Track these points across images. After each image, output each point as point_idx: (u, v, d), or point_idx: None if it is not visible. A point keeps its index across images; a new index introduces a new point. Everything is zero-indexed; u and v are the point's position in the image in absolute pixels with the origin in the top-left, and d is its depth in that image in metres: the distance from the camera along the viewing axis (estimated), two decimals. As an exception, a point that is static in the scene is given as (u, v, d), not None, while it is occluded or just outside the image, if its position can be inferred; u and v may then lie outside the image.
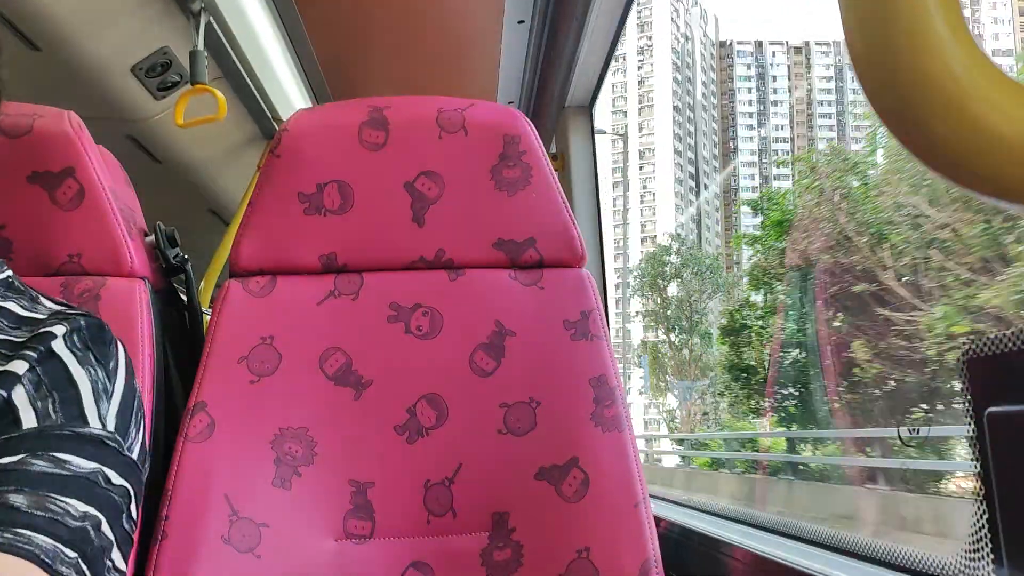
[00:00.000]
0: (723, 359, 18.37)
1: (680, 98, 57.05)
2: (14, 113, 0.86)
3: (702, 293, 31.63)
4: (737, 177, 58.58)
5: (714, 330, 26.99)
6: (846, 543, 0.86)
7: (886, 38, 0.32)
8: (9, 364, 0.55)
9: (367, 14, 1.66)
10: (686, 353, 30.03)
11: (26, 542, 0.48)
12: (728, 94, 60.86)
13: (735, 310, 18.37)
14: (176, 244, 1.01)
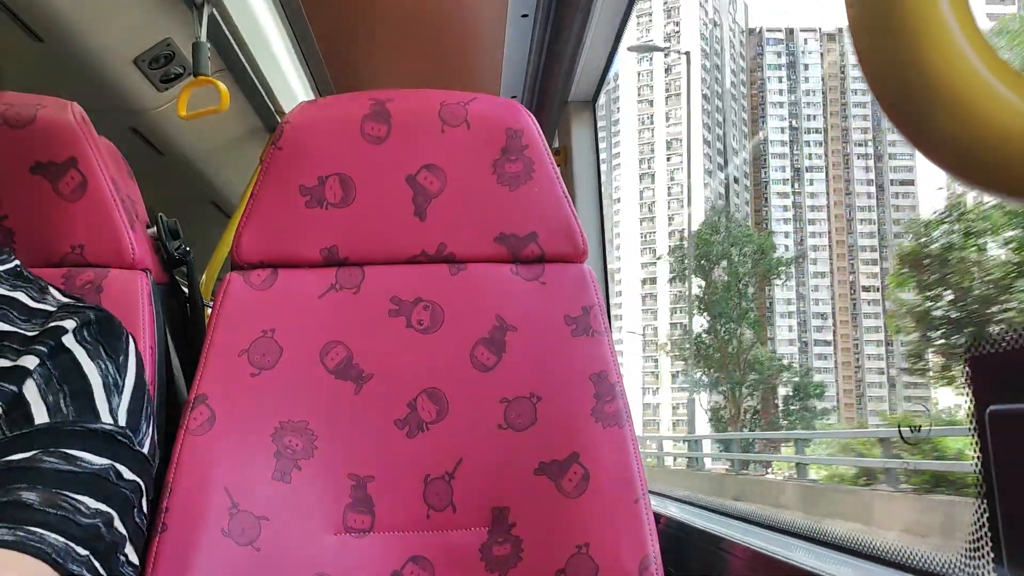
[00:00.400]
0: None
1: (709, 86, 55.36)
2: (17, 103, 0.85)
3: (752, 277, 28.35)
4: (767, 168, 57.27)
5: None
6: (845, 540, 0.86)
7: (891, 33, 0.32)
8: (20, 359, 0.55)
9: (370, 7, 1.65)
10: (724, 346, 27.18)
11: (38, 540, 0.49)
12: (758, 84, 59.07)
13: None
14: (178, 236, 1.01)
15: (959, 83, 0.31)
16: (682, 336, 34.95)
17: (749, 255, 28.48)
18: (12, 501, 0.49)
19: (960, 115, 0.31)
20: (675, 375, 51.75)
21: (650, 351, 54.33)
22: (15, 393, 0.54)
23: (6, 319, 0.59)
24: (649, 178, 56.66)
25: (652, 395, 53.47)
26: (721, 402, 27.21)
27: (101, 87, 1.52)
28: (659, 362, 52.93)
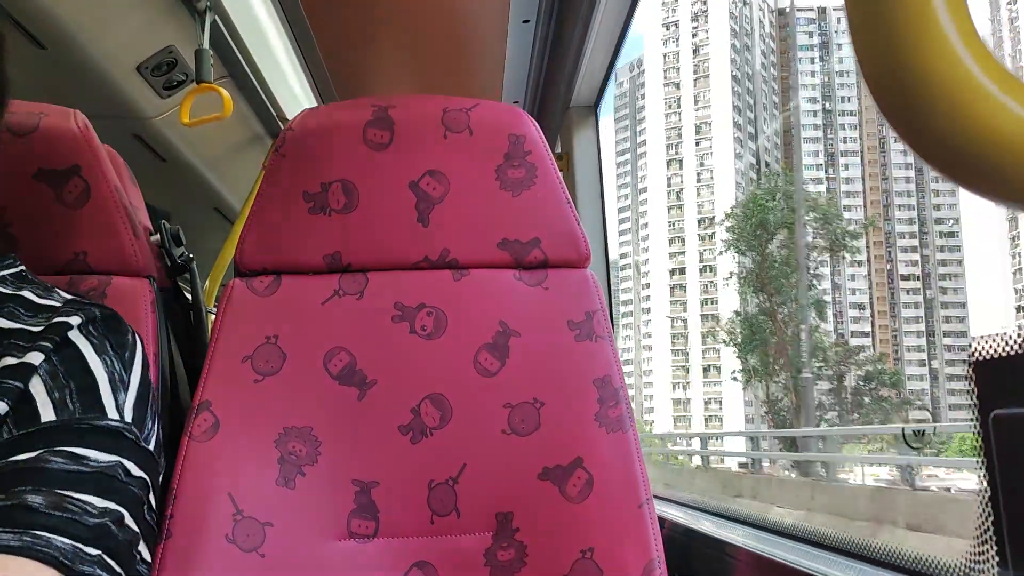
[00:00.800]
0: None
1: (739, 67, 53.33)
2: (21, 111, 0.86)
3: (815, 250, 23.93)
4: (799, 153, 55.05)
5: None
6: (852, 544, 0.86)
7: (891, 36, 0.32)
8: (26, 355, 0.55)
9: (372, 14, 1.66)
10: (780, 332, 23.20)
11: (44, 544, 0.48)
12: (788, 66, 56.46)
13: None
14: (181, 243, 1.01)
15: (955, 87, 0.31)
16: (729, 322, 31.13)
17: (811, 223, 24.38)
18: (17, 505, 0.49)
19: (956, 119, 0.31)
20: (707, 369, 49.85)
21: (680, 344, 52.48)
22: (21, 390, 0.54)
23: (12, 316, 0.59)
24: (677, 164, 54.56)
25: (683, 390, 51.51)
26: (779, 393, 23.87)
27: (104, 94, 1.53)
28: (690, 355, 51.10)
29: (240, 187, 2.09)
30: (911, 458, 8.92)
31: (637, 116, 58.19)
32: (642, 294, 57.74)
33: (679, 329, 52.69)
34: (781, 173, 38.14)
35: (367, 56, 1.85)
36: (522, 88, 2.01)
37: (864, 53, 0.34)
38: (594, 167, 1.79)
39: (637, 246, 59.61)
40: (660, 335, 53.42)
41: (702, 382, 50.30)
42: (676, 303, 53.37)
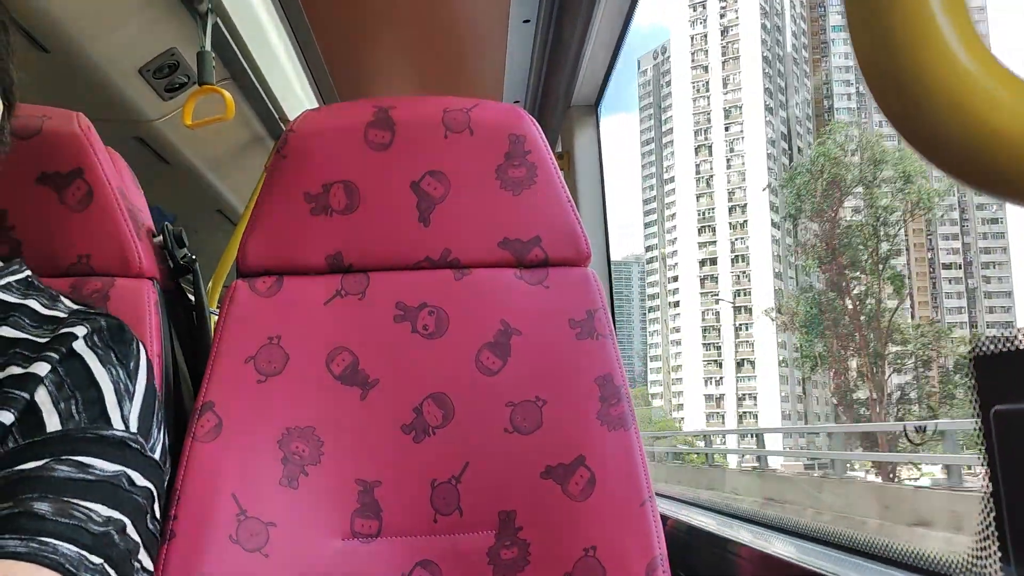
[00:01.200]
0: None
1: (770, 48, 51.39)
2: (23, 114, 0.86)
3: (892, 213, 19.44)
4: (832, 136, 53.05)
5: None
6: (855, 542, 0.86)
7: (891, 36, 0.32)
8: (32, 366, 0.56)
9: (373, 15, 1.66)
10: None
11: (51, 551, 0.49)
12: (821, 48, 53.96)
13: None
14: (184, 244, 1.01)
15: (954, 84, 0.31)
16: (787, 302, 28.47)
17: (890, 182, 20.15)
18: (24, 512, 0.50)
19: (955, 116, 0.31)
20: (740, 363, 47.67)
21: (711, 337, 50.32)
22: (27, 400, 0.54)
23: (17, 326, 0.60)
24: (706, 150, 52.37)
25: (715, 385, 49.36)
26: (851, 383, 20.36)
27: (106, 97, 1.53)
28: (722, 349, 49.14)
29: (242, 188, 2.09)
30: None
31: (662, 104, 56.08)
32: (669, 287, 55.47)
33: (710, 321, 50.59)
34: (854, 123, 35.04)
35: (368, 57, 1.85)
36: (523, 88, 2.01)
37: (862, 51, 0.34)
38: (595, 166, 1.79)
39: (663, 238, 57.19)
40: (691, 328, 51.17)
41: (735, 377, 48.35)
42: (707, 295, 51.31)
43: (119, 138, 1.71)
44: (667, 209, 55.57)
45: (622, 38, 1.54)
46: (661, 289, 56.84)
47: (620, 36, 1.53)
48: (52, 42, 1.33)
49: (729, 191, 51.61)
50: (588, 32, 1.47)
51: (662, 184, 57.44)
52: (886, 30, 0.33)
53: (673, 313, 54.72)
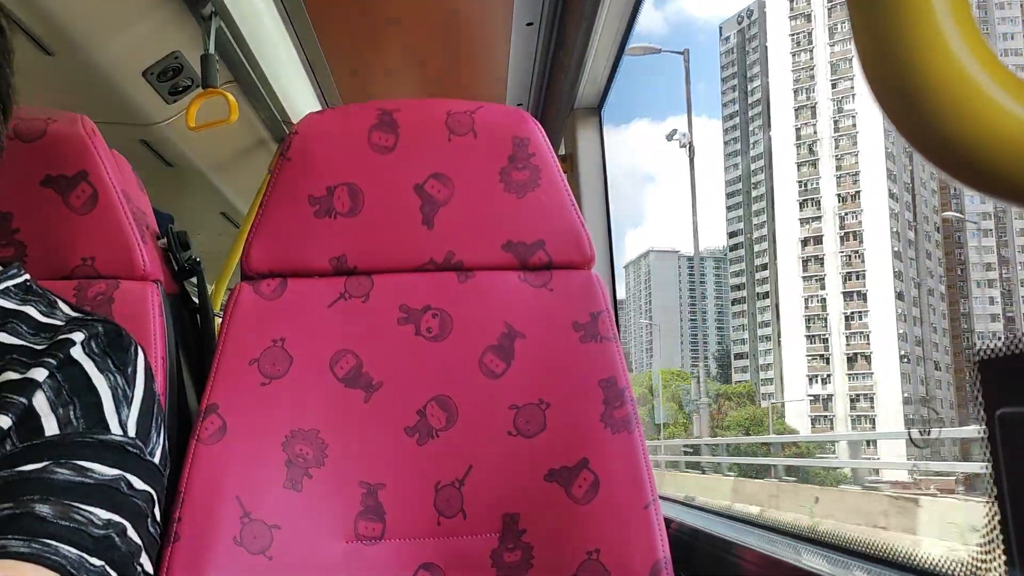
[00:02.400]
0: None
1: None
2: (28, 117, 0.86)
3: None
4: None
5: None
6: (860, 544, 0.86)
7: (894, 39, 0.32)
8: (29, 371, 0.56)
9: (376, 18, 1.66)
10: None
11: (52, 552, 0.49)
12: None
13: None
14: (188, 247, 1.02)
15: (956, 86, 0.31)
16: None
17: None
18: (26, 513, 0.50)
19: (956, 117, 0.31)
20: (853, 358, 40.41)
21: (817, 328, 42.77)
22: (25, 405, 0.54)
23: (15, 332, 0.60)
24: (808, 111, 44.63)
25: (821, 384, 42.03)
26: None
27: (111, 100, 1.54)
28: (830, 342, 41.83)
29: (246, 191, 2.10)
30: None
31: (747, 73, 50.49)
32: (757, 276, 49.26)
33: (815, 311, 43.09)
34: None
35: (371, 60, 1.86)
36: (526, 90, 2.01)
37: (865, 54, 0.34)
38: (598, 168, 1.79)
39: (749, 222, 50.97)
40: (791, 319, 43.73)
41: (846, 375, 41.22)
42: (811, 280, 43.69)
43: (123, 141, 1.71)
44: (754, 189, 48.99)
45: (625, 41, 1.54)
46: (747, 279, 50.62)
47: (623, 39, 1.53)
48: (57, 45, 1.33)
49: (836, 158, 44.11)
50: (591, 35, 1.47)
51: (748, 162, 50.99)
52: (889, 34, 0.33)
53: (762, 305, 48.57)
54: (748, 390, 45.45)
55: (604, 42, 1.51)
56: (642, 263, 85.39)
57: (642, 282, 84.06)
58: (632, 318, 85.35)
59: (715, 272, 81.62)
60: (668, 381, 43.20)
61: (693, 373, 48.49)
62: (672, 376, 45.30)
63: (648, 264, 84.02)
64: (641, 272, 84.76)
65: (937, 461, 10.34)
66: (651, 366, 70.38)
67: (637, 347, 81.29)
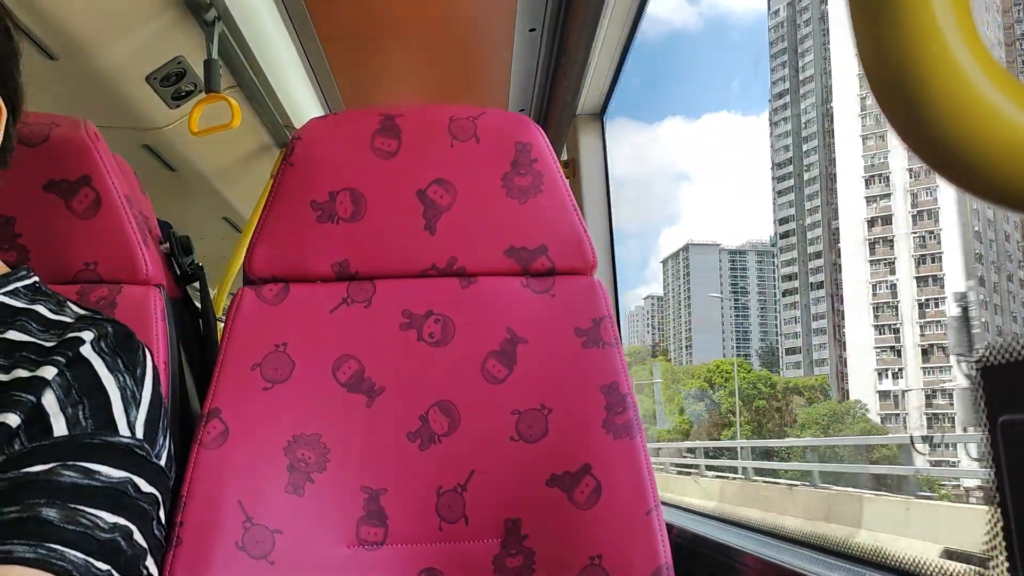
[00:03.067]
0: None
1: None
2: (31, 122, 0.87)
3: None
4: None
5: None
6: (861, 551, 0.85)
7: (897, 47, 0.32)
8: (39, 370, 0.56)
9: (379, 23, 1.67)
10: None
11: (59, 558, 0.49)
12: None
13: None
14: (190, 252, 1.02)
15: (960, 95, 0.31)
16: None
17: None
18: (32, 517, 0.50)
19: (961, 127, 0.31)
20: (928, 350, 35.56)
21: (887, 318, 38.01)
22: (34, 404, 0.54)
23: (24, 330, 0.60)
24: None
25: (892, 379, 37.97)
26: None
27: (114, 105, 1.54)
28: (902, 332, 37.17)
29: (248, 196, 2.10)
30: None
31: (799, 48, 47.36)
32: (811, 264, 44.92)
33: (884, 298, 38.25)
34: None
35: (374, 65, 1.86)
36: (528, 96, 2.01)
37: (868, 62, 0.34)
38: (600, 174, 1.79)
39: (802, 206, 46.94)
40: (856, 308, 39.42)
41: (921, 368, 37.00)
42: (879, 264, 38.95)
43: (126, 145, 1.72)
44: (806, 172, 45.14)
45: (628, 46, 1.54)
46: (800, 268, 46.24)
47: (626, 44, 1.53)
48: (60, 49, 1.34)
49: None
50: (594, 41, 1.48)
51: (800, 142, 47.83)
52: (892, 41, 0.33)
53: (815, 296, 44.59)
54: (821, 383, 40.63)
55: (606, 48, 1.52)
56: (680, 257, 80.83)
57: (680, 277, 79.97)
58: (671, 315, 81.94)
59: (758, 266, 77.54)
60: (728, 371, 39.54)
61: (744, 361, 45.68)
62: (731, 366, 42.00)
63: (687, 258, 79.60)
64: (680, 267, 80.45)
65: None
66: (691, 361, 67.64)
67: (676, 345, 77.82)
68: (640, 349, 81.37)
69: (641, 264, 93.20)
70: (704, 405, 39.48)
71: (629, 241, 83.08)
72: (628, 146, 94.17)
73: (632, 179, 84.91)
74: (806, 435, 30.48)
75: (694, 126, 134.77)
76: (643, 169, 48.10)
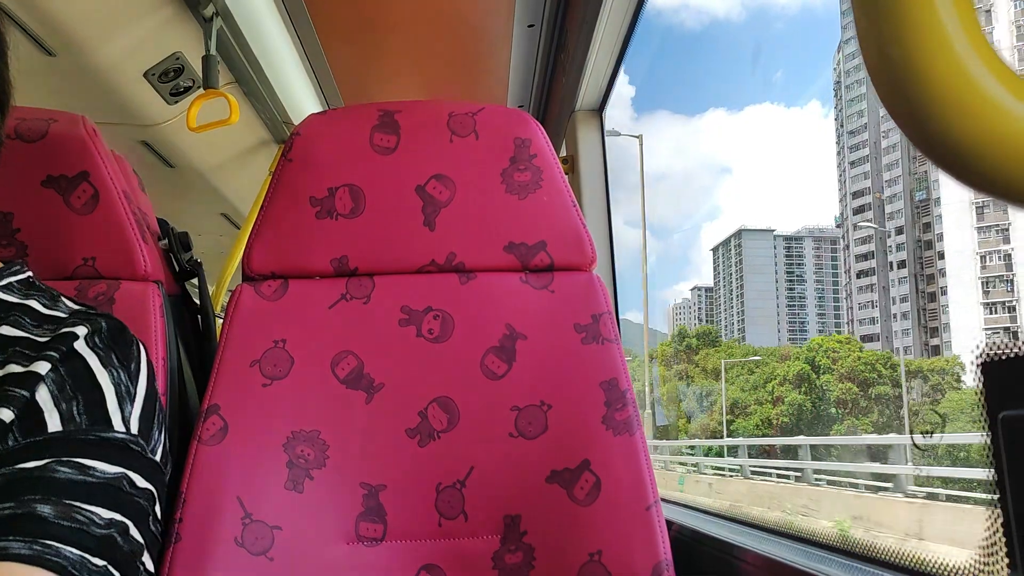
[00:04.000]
0: None
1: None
2: (29, 118, 0.86)
3: None
4: None
5: None
6: (863, 547, 0.85)
7: (899, 39, 0.32)
8: (32, 364, 0.55)
9: (378, 19, 1.66)
10: None
11: (54, 554, 0.49)
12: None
13: None
14: (189, 248, 1.02)
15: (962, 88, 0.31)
16: None
17: None
18: (27, 514, 0.50)
19: (962, 120, 0.31)
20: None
21: (1000, 294, 32.84)
22: (27, 399, 0.54)
23: (18, 325, 0.60)
24: (982, 15, 34.02)
25: None
26: None
27: (112, 101, 1.54)
28: (1019, 311, 32.00)
29: (247, 192, 2.10)
30: None
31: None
32: (893, 241, 41.05)
33: (995, 270, 33.30)
34: None
35: (373, 61, 1.86)
36: (527, 92, 2.01)
37: (870, 53, 0.34)
38: (599, 170, 1.79)
39: (879, 176, 43.30)
40: (960, 283, 34.72)
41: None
42: (988, 231, 33.17)
43: (124, 141, 1.72)
44: (884, 138, 42.04)
45: (627, 42, 1.54)
46: (876, 246, 42.40)
47: (625, 40, 1.53)
48: (58, 46, 1.33)
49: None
50: (593, 36, 1.47)
51: (877, 105, 46.43)
52: (894, 33, 0.32)
53: (897, 276, 40.66)
54: (953, 365, 34.10)
55: (605, 44, 1.51)
56: (731, 244, 74.09)
57: (732, 266, 73.32)
58: (721, 305, 77.19)
59: (815, 252, 71.57)
60: (831, 348, 33.86)
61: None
62: (840, 344, 34.52)
63: (739, 245, 72.98)
64: (731, 255, 73.92)
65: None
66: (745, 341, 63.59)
67: (728, 337, 73.26)
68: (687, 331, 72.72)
69: (682, 259, 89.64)
70: (801, 393, 32.39)
71: (671, 236, 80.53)
72: (669, 139, 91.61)
73: (673, 173, 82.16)
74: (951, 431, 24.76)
75: (736, 118, 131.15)
76: (684, 163, 47.56)
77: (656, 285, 70.37)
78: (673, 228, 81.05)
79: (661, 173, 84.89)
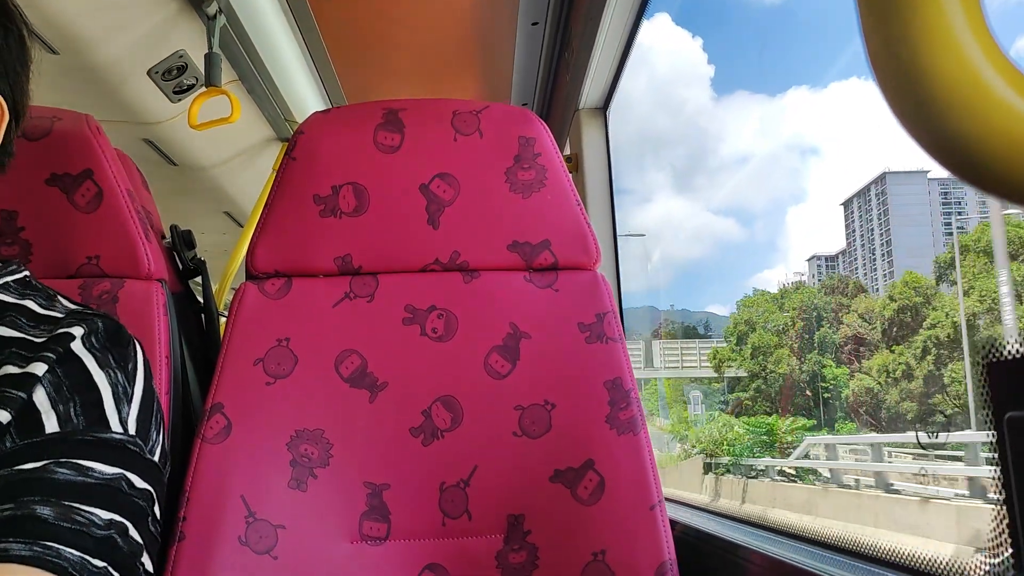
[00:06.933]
0: None
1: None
2: (33, 116, 0.86)
3: None
4: None
5: None
6: (868, 547, 0.85)
7: (904, 37, 0.32)
8: (29, 366, 0.55)
9: (381, 17, 1.66)
10: None
11: (54, 555, 0.49)
12: None
13: None
14: (192, 246, 1.02)
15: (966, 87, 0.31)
16: None
17: None
18: (27, 515, 0.49)
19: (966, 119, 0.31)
20: None
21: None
22: (25, 400, 0.54)
23: (14, 325, 0.59)
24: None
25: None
26: None
27: (115, 99, 1.54)
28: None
29: (250, 190, 2.10)
30: None
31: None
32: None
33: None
34: None
35: (376, 59, 1.86)
36: (531, 90, 2.01)
37: (874, 51, 0.33)
38: (603, 168, 1.79)
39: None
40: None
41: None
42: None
43: (128, 139, 1.72)
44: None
45: (631, 40, 1.53)
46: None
47: (629, 38, 1.53)
48: (61, 44, 1.33)
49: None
50: (597, 34, 1.47)
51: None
52: (900, 35, 0.32)
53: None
54: None
55: (609, 42, 1.51)
56: (872, 193, 58.03)
57: (874, 219, 57.74)
58: (860, 270, 57.94)
59: (980, 199, 61.68)
60: None
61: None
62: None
63: (882, 193, 59.53)
64: (872, 206, 57.68)
65: None
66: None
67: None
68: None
69: (767, 246, 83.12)
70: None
71: (755, 223, 74.89)
72: (749, 120, 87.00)
73: (755, 156, 77.67)
74: None
75: (822, 96, 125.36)
76: (767, 145, 45.69)
77: (740, 275, 66.74)
78: (758, 214, 76.80)
79: (743, 156, 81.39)
